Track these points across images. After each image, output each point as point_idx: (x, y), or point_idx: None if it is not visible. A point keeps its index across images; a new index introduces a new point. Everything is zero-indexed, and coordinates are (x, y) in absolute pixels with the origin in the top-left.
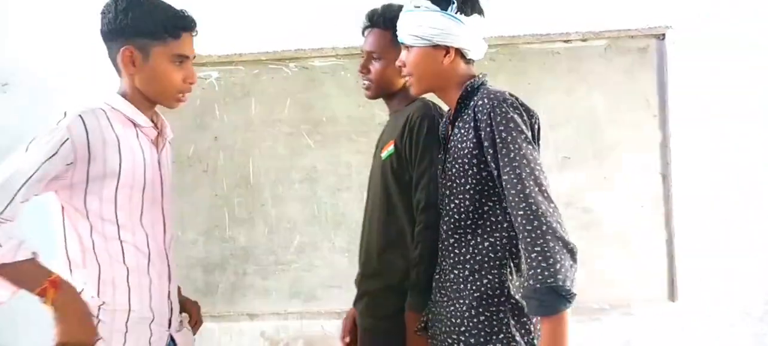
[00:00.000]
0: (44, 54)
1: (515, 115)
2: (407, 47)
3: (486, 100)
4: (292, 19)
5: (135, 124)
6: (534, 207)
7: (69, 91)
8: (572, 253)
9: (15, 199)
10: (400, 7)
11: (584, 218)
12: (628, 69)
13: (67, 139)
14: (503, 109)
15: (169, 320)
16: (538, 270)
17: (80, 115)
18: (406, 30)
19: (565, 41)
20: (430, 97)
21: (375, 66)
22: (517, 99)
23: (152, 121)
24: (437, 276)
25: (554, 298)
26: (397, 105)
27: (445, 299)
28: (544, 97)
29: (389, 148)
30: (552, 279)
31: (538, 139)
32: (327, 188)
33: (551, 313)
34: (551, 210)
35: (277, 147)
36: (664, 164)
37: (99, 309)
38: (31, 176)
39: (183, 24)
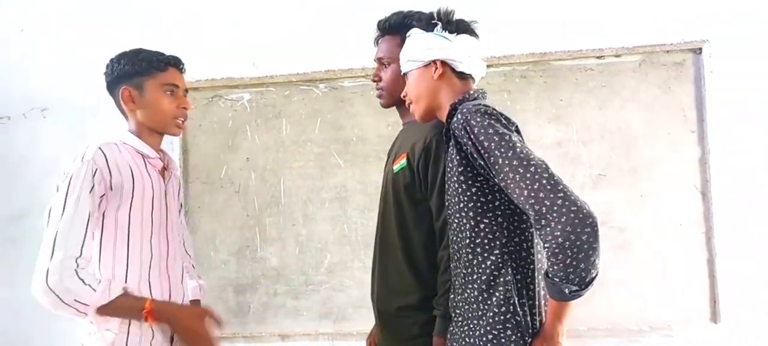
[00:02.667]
0: (80, 82)
1: (491, 121)
2: (407, 76)
3: (459, 117)
4: (321, 41)
5: (143, 156)
6: (536, 207)
7: (102, 115)
8: (592, 233)
9: (86, 238)
10: (407, 13)
11: (620, 237)
12: (664, 84)
13: (96, 169)
14: (477, 120)
15: (171, 337)
16: (550, 265)
17: (100, 147)
18: (402, 59)
19: (598, 57)
20: None
21: (385, 72)
22: (491, 107)
23: (159, 155)
24: (452, 295)
25: (565, 290)
26: (410, 115)
27: (460, 318)
28: (576, 113)
29: (401, 162)
30: (563, 276)
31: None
32: (357, 207)
33: (563, 300)
34: (559, 203)
35: (308, 167)
36: (703, 181)
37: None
38: (88, 213)
39: (166, 59)
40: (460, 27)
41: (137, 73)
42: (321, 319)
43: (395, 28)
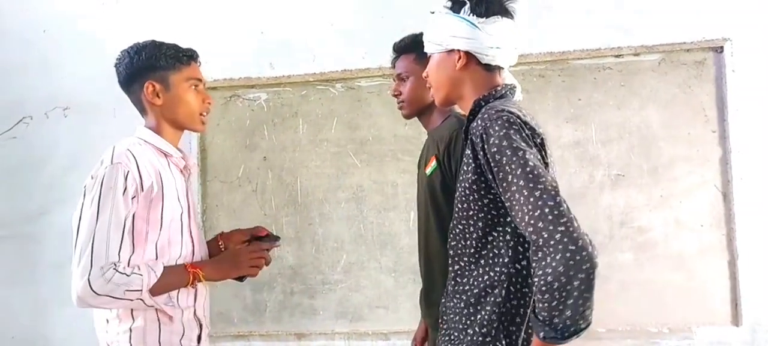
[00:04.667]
0: (101, 82)
1: (510, 132)
2: (430, 57)
3: (479, 122)
4: (338, 42)
5: (166, 155)
6: (534, 236)
7: (122, 115)
8: (586, 280)
9: (123, 242)
10: (419, 34)
11: (639, 238)
12: (684, 83)
13: (128, 171)
14: (495, 129)
15: (199, 336)
16: (537, 301)
17: (129, 149)
18: (425, 38)
19: (617, 56)
20: None
21: (405, 86)
22: (515, 114)
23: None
24: (443, 299)
25: (554, 334)
26: (433, 122)
27: (445, 325)
28: (594, 112)
29: (432, 165)
30: (546, 317)
31: (546, 160)
32: (373, 207)
33: (543, 340)
34: (557, 237)
35: (324, 166)
36: (724, 182)
37: (130, 332)
38: (123, 216)
39: (189, 53)
40: (492, 9)
41: (161, 67)
42: (337, 318)
43: (410, 47)
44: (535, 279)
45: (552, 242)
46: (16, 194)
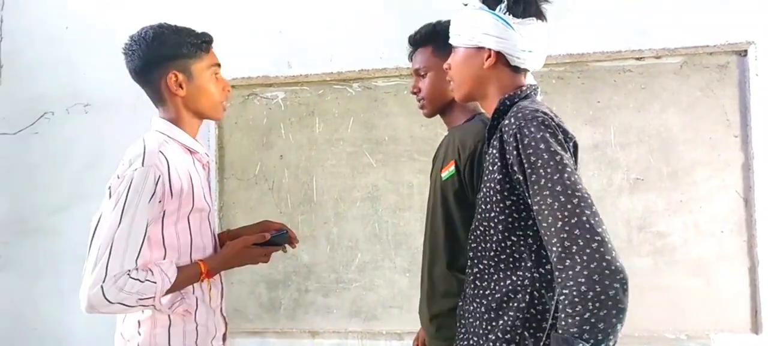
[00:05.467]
0: (121, 78)
1: (546, 135)
2: (455, 49)
3: (513, 120)
4: (355, 41)
5: (191, 152)
6: (567, 243)
7: (141, 111)
8: (617, 304)
9: (142, 248)
10: (436, 23)
11: (658, 243)
12: (706, 86)
13: (160, 175)
14: (531, 130)
15: (224, 335)
16: (564, 316)
17: (161, 151)
18: (452, 29)
19: (638, 58)
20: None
21: (424, 82)
22: (549, 116)
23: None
24: (461, 303)
25: None
26: (455, 120)
27: (463, 330)
28: (613, 115)
29: (450, 169)
30: (577, 332)
31: (576, 165)
32: (388, 207)
33: None
34: (594, 247)
35: (340, 166)
36: (746, 187)
37: (169, 334)
38: (146, 222)
39: (208, 38)
40: (529, 9)
41: (183, 55)
42: (351, 317)
43: (426, 38)
44: (564, 292)
45: (588, 251)
46: (38, 188)
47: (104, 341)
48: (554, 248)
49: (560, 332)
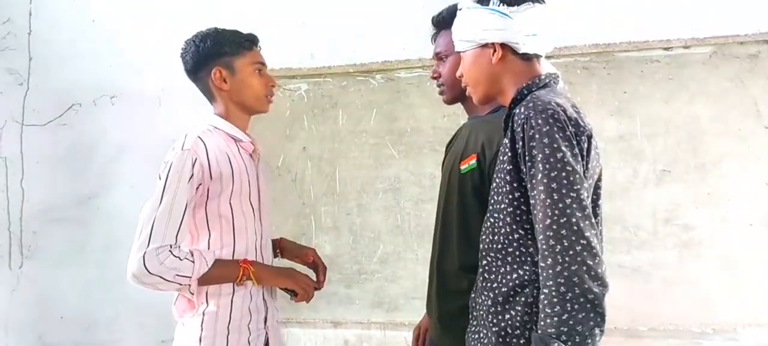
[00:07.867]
0: (147, 71)
1: (553, 129)
2: (462, 57)
3: (523, 110)
4: (378, 33)
5: (235, 140)
6: (552, 242)
7: (167, 103)
8: (595, 307)
9: (182, 227)
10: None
11: (684, 236)
12: (736, 77)
13: (196, 159)
14: (538, 122)
15: (265, 319)
16: (543, 316)
17: (199, 136)
18: (455, 37)
19: (665, 49)
20: None
21: (444, 67)
22: (562, 108)
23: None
24: (473, 295)
25: None
26: (476, 109)
27: (474, 321)
28: (640, 106)
29: (470, 163)
30: (554, 333)
31: (588, 160)
32: (410, 199)
33: None
34: (578, 250)
35: (363, 157)
36: None
37: (203, 316)
38: (186, 202)
39: (251, 38)
40: None
41: (226, 53)
42: (373, 308)
43: (449, 21)
44: (544, 290)
45: (572, 252)
46: (66, 178)
47: (129, 330)
48: (540, 245)
49: (539, 332)
